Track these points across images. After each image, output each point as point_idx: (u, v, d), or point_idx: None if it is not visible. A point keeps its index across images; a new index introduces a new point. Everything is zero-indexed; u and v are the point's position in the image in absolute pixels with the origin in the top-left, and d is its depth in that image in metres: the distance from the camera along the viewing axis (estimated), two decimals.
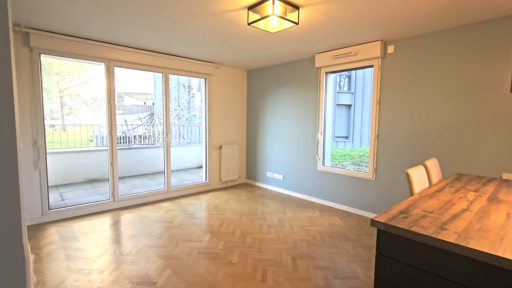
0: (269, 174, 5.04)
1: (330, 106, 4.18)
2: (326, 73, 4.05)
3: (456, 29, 2.83)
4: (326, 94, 4.11)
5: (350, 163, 9.70)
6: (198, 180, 5.28)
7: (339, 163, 9.64)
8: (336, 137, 15.25)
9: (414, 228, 1.13)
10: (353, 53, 3.53)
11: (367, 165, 4.57)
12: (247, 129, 5.48)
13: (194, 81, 10.92)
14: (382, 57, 3.40)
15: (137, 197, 4.11)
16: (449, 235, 1.07)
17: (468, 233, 1.10)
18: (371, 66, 3.52)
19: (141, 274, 2.24)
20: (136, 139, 7.54)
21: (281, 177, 4.82)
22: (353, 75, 15.53)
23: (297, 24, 2.52)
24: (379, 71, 3.43)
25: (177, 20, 2.73)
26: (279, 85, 4.74)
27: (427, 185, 2.04)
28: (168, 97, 4.36)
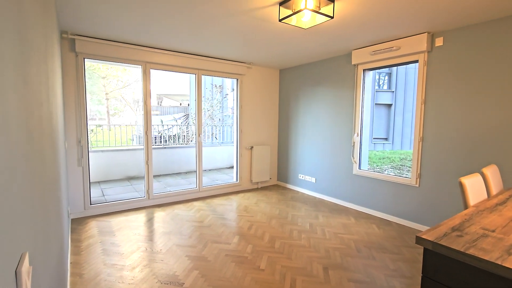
0: (301, 177, 4.88)
1: (367, 106, 3.91)
2: (364, 70, 3.79)
3: None
4: (363, 93, 3.84)
5: (390, 166, 9.08)
6: (229, 180, 5.29)
7: (377, 166, 9.08)
8: (374, 138, 14.43)
9: (472, 251, 0.94)
10: (394, 48, 3.25)
11: (409, 170, 4.18)
12: (279, 130, 5.36)
13: (228, 81, 11.05)
14: (428, 51, 3.07)
15: (170, 195, 4.22)
16: None
17: None
18: (416, 61, 3.20)
19: (170, 274, 2.25)
20: (171, 139, 7.83)
21: (313, 179, 4.63)
22: (393, 72, 14.57)
23: (332, 18, 2.35)
24: (425, 67, 3.11)
25: (208, 19, 2.72)
26: (312, 84, 4.55)
27: (485, 197, 1.76)
28: (200, 97, 4.42)
